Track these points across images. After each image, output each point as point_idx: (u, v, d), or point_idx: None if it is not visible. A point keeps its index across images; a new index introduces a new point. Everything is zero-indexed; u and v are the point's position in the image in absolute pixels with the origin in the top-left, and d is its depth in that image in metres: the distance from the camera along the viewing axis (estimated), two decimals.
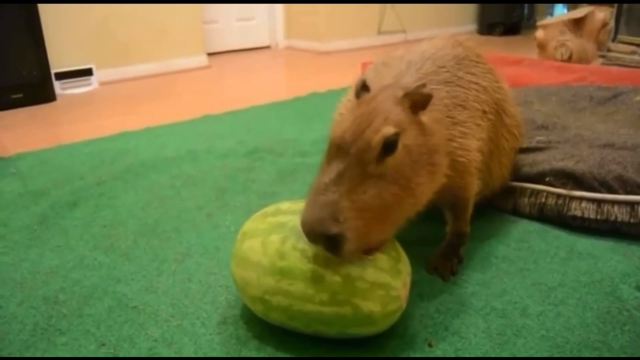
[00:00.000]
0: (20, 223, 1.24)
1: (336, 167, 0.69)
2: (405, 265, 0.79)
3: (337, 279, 0.73)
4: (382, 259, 0.76)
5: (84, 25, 2.93)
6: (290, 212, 0.82)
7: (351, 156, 0.69)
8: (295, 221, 0.78)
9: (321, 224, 0.66)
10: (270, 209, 0.86)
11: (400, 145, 0.72)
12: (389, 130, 0.70)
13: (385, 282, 0.74)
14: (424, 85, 0.76)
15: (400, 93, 0.75)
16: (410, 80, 0.89)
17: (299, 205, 0.83)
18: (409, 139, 0.73)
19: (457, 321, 0.85)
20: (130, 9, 3.08)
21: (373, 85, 0.81)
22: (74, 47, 2.91)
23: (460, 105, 0.93)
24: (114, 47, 3.08)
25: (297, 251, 0.75)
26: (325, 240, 0.68)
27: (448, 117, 0.90)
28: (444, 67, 0.96)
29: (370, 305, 0.73)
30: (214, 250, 1.10)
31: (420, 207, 0.79)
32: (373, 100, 0.74)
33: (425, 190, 0.78)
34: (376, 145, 0.69)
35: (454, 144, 0.89)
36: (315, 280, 0.73)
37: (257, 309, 0.80)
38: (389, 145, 0.70)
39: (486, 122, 0.98)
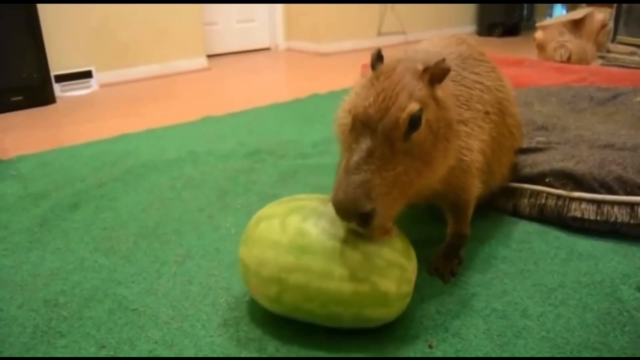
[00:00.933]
0: (20, 225, 1.24)
1: (365, 145, 0.71)
2: (414, 253, 0.81)
3: (358, 255, 0.75)
4: (396, 241, 0.78)
5: (83, 27, 2.93)
6: (307, 198, 0.84)
7: (379, 134, 0.71)
8: (313, 204, 0.80)
9: (356, 202, 0.69)
10: (286, 197, 0.88)
11: (423, 121, 0.73)
12: (414, 107, 0.72)
13: (400, 263, 0.77)
14: (443, 60, 0.76)
15: (420, 67, 0.76)
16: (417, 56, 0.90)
17: (313, 195, 0.85)
18: (429, 114, 0.75)
19: (457, 322, 0.85)
20: (130, 10, 3.09)
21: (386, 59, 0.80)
22: (74, 49, 2.92)
23: (464, 104, 0.94)
24: (114, 49, 3.08)
25: (318, 229, 0.77)
26: (359, 217, 0.70)
27: (456, 114, 0.90)
28: None
29: (387, 284, 0.75)
30: (215, 252, 1.10)
31: (433, 182, 0.82)
32: (393, 73, 0.75)
33: (441, 165, 0.80)
34: (403, 122, 0.71)
35: (461, 143, 0.89)
36: (336, 256, 0.75)
37: (271, 291, 0.79)
38: (414, 122, 0.72)
39: (488, 123, 0.98)
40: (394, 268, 0.76)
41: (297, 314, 0.80)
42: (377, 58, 0.79)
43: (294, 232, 0.77)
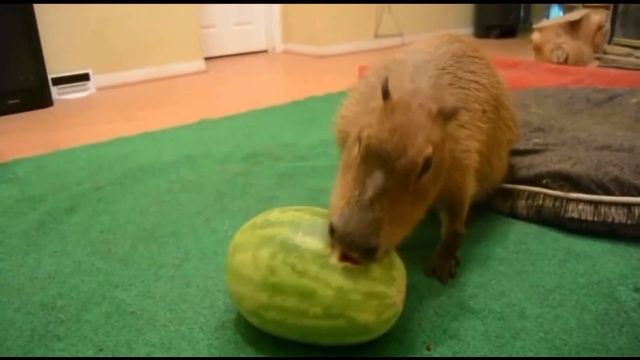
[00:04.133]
0: (17, 229, 1.24)
1: (380, 182, 0.71)
2: (398, 271, 0.78)
3: (330, 292, 0.72)
4: (374, 268, 0.74)
5: (81, 30, 2.93)
6: (278, 223, 0.80)
7: (395, 172, 0.71)
8: (283, 234, 0.77)
9: (365, 239, 0.69)
10: (259, 219, 0.84)
11: (432, 164, 0.74)
12: (430, 151, 0.73)
13: (379, 292, 0.73)
14: (456, 106, 0.78)
15: (435, 108, 0.76)
16: (426, 87, 0.89)
17: (288, 214, 0.82)
18: (436, 156, 0.75)
19: (455, 324, 0.85)
20: (128, 13, 3.09)
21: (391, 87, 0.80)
22: (71, 52, 2.92)
23: (462, 107, 0.93)
24: (111, 52, 3.08)
25: (287, 266, 0.74)
26: (364, 250, 0.70)
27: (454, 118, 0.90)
28: (444, 68, 0.96)
29: (365, 316, 0.73)
30: (212, 255, 1.09)
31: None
32: (409, 111, 0.74)
33: (434, 196, 0.81)
34: (419, 165, 0.72)
35: (460, 146, 0.90)
36: (308, 295, 0.73)
37: (253, 321, 0.80)
38: (427, 165, 0.73)
39: (486, 123, 0.98)
40: (372, 299, 0.73)
41: (283, 338, 0.80)
42: (387, 87, 0.78)
43: (264, 270, 0.76)
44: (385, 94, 0.77)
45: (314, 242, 0.75)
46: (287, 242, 0.76)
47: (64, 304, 0.94)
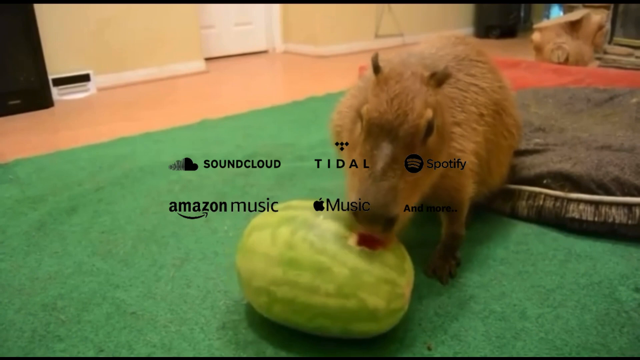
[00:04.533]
0: (18, 229, 1.24)
1: (388, 151, 0.72)
2: (409, 266, 0.80)
3: (345, 271, 0.73)
4: (388, 255, 0.76)
5: (81, 31, 2.93)
6: (301, 207, 0.83)
7: (400, 139, 0.72)
8: (305, 215, 0.79)
9: (386, 208, 0.69)
10: (281, 205, 0.87)
11: (434, 126, 0.75)
12: (430, 113, 0.74)
13: (391, 278, 0.75)
14: (447, 69, 0.79)
15: (427, 73, 0.77)
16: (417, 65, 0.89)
17: (309, 202, 0.84)
18: (437, 119, 0.76)
19: (456, 324, 0.85)
20: (128, 14, 3.08)
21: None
22: (72, 52, 2.92)
23: (458, 107, 0.94)
24: (112, 53, 3.08)
25: (307, 243, 0.76)
26: (384, 221, 0.70)
27: (450, 116, 0.90)
28: None
29: (376, 300, 0.74)
30: (213, 255, 1.09)
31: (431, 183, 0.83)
32: (402, 79, 0.75)
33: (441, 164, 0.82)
34: (422, 128, 0.73)
35: (455, 144, 0.90)
36: (323, 271, 0.74)
37: (261, 301, 0.80)
38: (430, 128, 0.74)
39: (482, 125, 0.98)
40: (384, 284, 0.74)
41: (287, 324, 0.81)
42: (377, 61, 0.79)
43: (282, 245, 0.77)
44: (376, 68, 0.78)
45: (335, 224, 0.77)
46: (309, 222, 0.78)
47: (65, 305, 0.94)
